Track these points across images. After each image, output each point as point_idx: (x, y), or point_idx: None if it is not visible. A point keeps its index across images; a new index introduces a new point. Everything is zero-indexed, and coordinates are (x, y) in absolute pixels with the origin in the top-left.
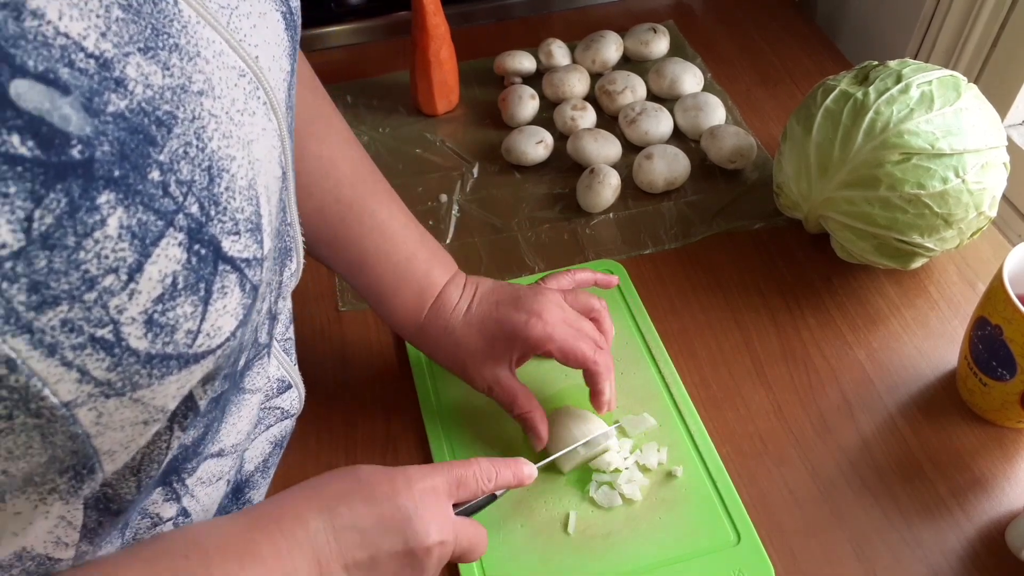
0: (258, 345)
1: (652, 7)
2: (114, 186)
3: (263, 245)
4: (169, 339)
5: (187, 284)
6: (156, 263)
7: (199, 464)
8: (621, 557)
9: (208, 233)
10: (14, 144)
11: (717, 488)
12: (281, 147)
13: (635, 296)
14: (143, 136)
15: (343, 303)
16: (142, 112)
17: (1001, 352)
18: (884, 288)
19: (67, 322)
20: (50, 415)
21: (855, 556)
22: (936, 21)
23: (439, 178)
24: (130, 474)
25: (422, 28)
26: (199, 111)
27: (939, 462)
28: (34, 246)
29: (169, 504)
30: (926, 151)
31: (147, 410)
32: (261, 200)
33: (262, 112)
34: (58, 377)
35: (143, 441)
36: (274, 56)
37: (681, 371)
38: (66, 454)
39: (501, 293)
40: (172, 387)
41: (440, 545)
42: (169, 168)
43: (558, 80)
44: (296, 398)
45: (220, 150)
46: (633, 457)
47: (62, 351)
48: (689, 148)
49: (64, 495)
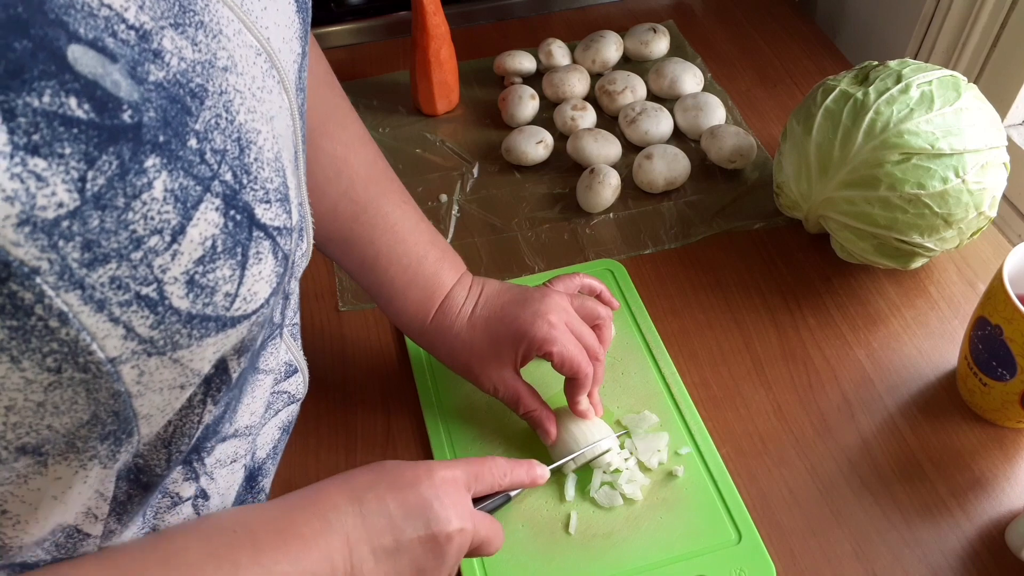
0: (272, 324)
1: (652, 7)
2: (159, 151)
3: (291, 216)
4: (209, 300)
5: (225, 248)
6: (197, 226)
7: (216, 444)
8: (622, 557)
9: (242, 200)
10: (71, 106)
11: (718, 487)
12: (294, 126)
13: (635, 296)
14: (181, 106)
15: (343, 303)
16: (178, 83)
17: (1001, 352)
18: (884, 288)
19: (115, 279)
20: (96, 370)
21: (855, 556)
22: (936, 21)
23: (439, 178)
24: (162, 446)
25: (422, 28)
26: (225, 86)
27: (939, 462)
28: (88, 206)
29: (188, 483)
30: (926, 151)
31: (184, 372)
32: (287, 172)
33: (277, 91)
34: (106, 332)
35: (177, 405)
36: (284, 38)
37: (681, 371)
38: (108, 414)
39: (507, 294)
40: (209, 350)
41: (460, 532)
42: (204, 137)
43: (558, 80)
44: (302, 382)
45: (247, 123)
46: (633, 457)
47: (110, 307)
48: (689, 148)
49: (104, 460)
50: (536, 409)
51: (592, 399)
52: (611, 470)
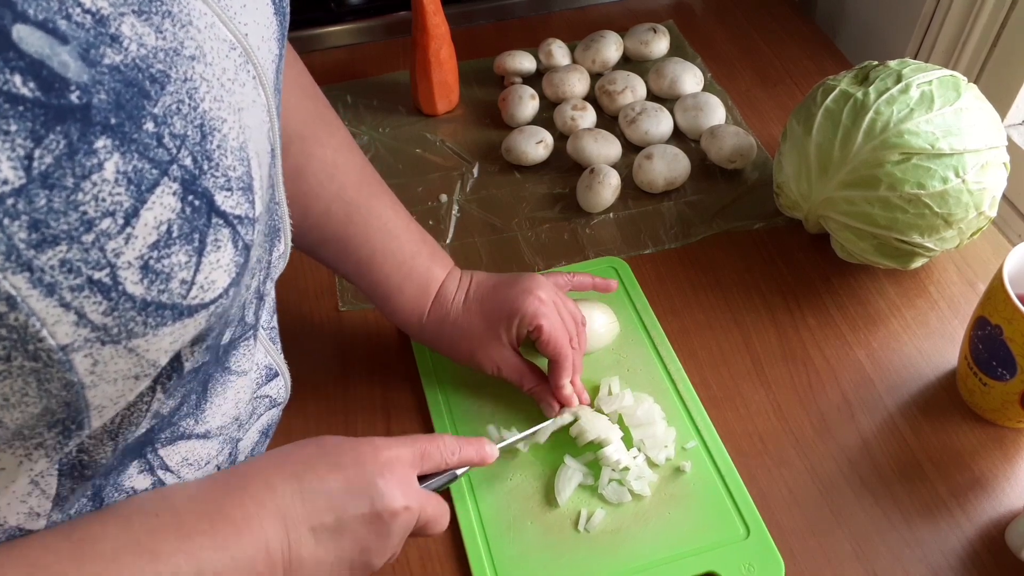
0: (244, 324)
1: (652, 7)
2: (111, 132)
3: (255, 206)
4: (164, 287)
5: (181, 233)
6: (152, 209)
7: (178, 440)
8: (631, 553)
9: (201, 186)
10: (16, 84)
11: (725, 483)
12: (270, 123)
13: (639, 293)
14: (137, 89)
15: (343, 303)
16: (136, 68)
17: (1001, 352)
18: (884, 288)
19: (66, 262)
20: (47, 359)
21: (855, 556)
22: (936, 21)
23: (439, 178)
24: (108, 438)
25: (422, 28)
26: (191, 73)
27: (939, 462)
28: (34, 184)
29: (143, 476)
30: (926, 151)
31: (140, 363)
32: (252, 163)
33: (251, 85)
34: (56, 318)
35: (131, 397)
36: (263, 37)
37: None
38: (59, 405)
39: (496, 278)
40: (166, 340)
41: (406, 510)
42: (163, 121)
43: (558, 80)
44: (283, 387)
45: (211, 111)
46: (642, 455)
47: (60, 291)
48: (689, 148)
49: (50, 451)
50: (540, 384)
51: (575, 386)
52: (620, 468)
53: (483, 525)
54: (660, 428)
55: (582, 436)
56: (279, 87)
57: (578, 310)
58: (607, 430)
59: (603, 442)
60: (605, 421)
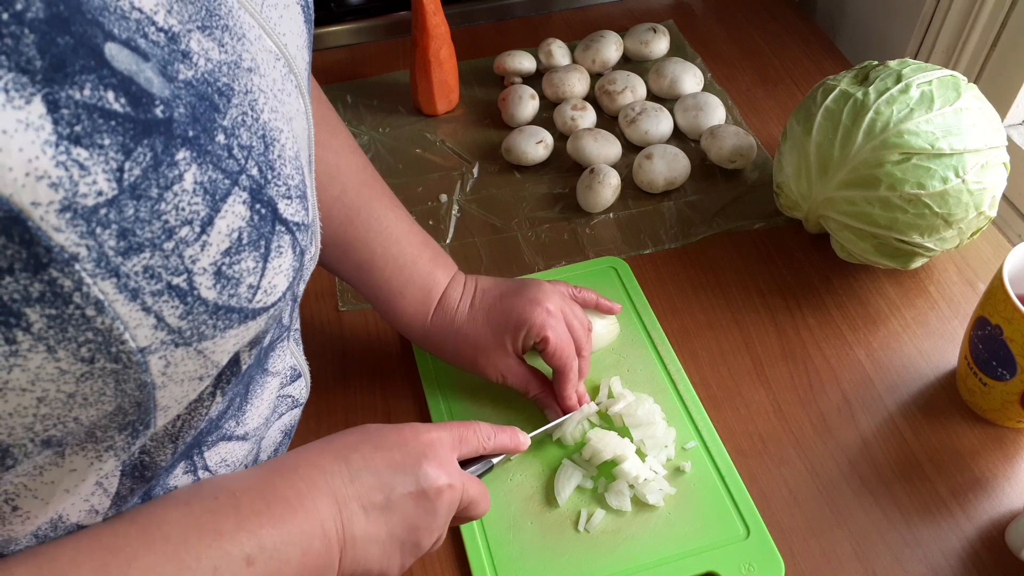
0: (282, 326)
1: (652, 7)
2: (189, 145)
3: (309, 212)
4: (234, 291)
5: (250, 240)
6: (224, 218)
7: (220, 441)
8: (632, 553)
9: (267, 194)
10: (109, 100)
11: (726, 483)
12: (309, 131)
13: (639, 293)
14: (209, 103)
15: (343, 303)
16: (206, 82)
17: (1001, 352)
18: (884, 288)
19: (148, 268)
20: (127, 360)
21: (855, 556)
22: (936, 21)
23: (439, 178)
24: (168, 440)
25: (422, 28)
26: (250, 86)
27: (939, 462)
28: (124, 195)
29: (187, 476)
30: (926, 151)
31: (205, 364)
32: (306, 171)
33: (295, 95)
34: (138, 322)
35: (192, 397)
36: (298, 46)
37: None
38: (131, 405)
39: (503, 286)
40: (230, 342)
41: (450, 488)
42: (232, 133)
43: (558, 80)
44: (304, 387)
45: (271, 122)
46: (662, 468)
47: (143, 296)
48: (689, 148)
49: (119, 451)
50: (544, 390)
51: (577, 391)
52: (640, 482)
53: (483, 525)
54: (660, 428)
55: (597, 456)
56: (311, 92)
57: (586, 317)
58: (621, 446)
59: (619, 459)
60: (615, 437)
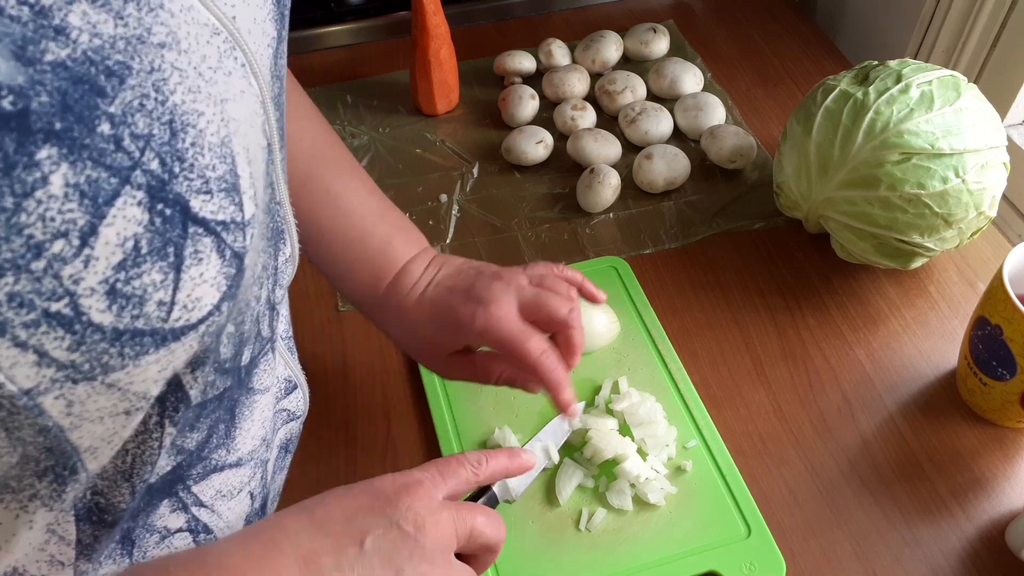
0: (262, 339)
1: (652, 7)
2: (56, 140)
3: (243, 208)
4: (138, 312)
5: (152, 248)
6: (112, 225)
7: (211, 474)
8: (633, 552)
9: (172, 191)
10: None
11: (727, 482)
12: (264, 116)
13: (640, 293)
14: (89, 87)
15: (343, 303)
16: (88, 61)
17: (1001, 352)
18: (884, 288)
19: (15, 296)
20: (11, 406)
21: (855, 556)
22: (936, 21)
23: (439, 178)
24: (122, 479)
25: (422, 28)
26: (159, 63)
27: (939, 462)
28: None
29: (176, 515)
30: (926, 151)
31: (126, 397)
32: (239, 160)
33: (239, 73)
34: (12, 360)
35: (127, 434)
36: (255, 19)
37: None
38: (39, 452)
39: (459, 278)
40: (152, 369)
41: (434, 518)
42: (122, 121)
43: (558, 80)
44: (302, 399)
45: (184, 104)
46: (663, 467)
47: (13, 330)
48: (689, 148)
49: (47, 500)
50: (502, 374)
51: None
52: (641, 480)
53: None
54: (661, 427)
55: (598, 455)
56: (279, 73)
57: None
58: (622, 445)
59: (620, 458)
60: (616, 436)
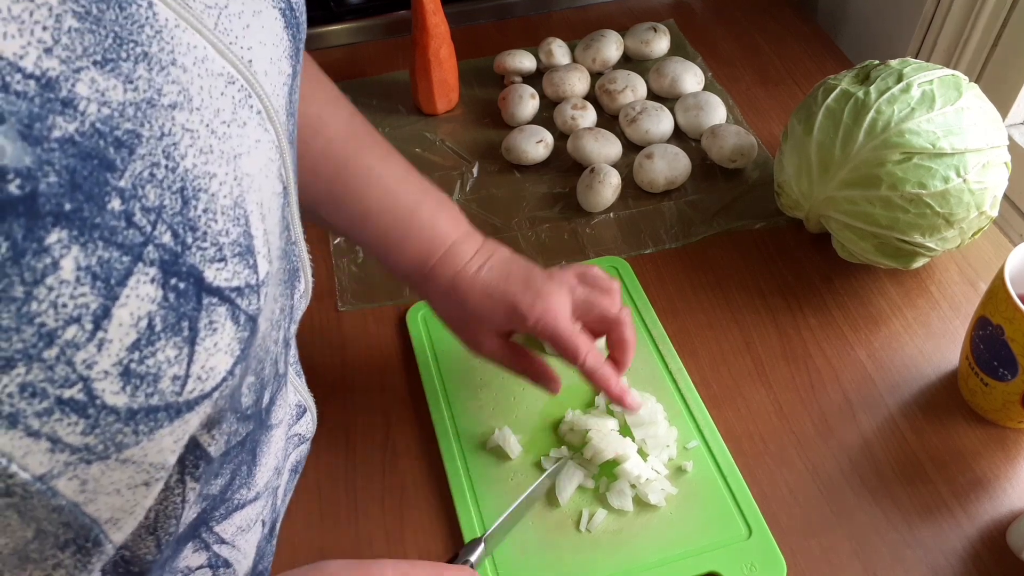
0: (279, 377)
1: (652, 6)
2: (65, 222)
3: (257, 269)
4: (152, 389)
5: (166, 325)
6: (126, 305)
7: (233, 512)
8: (633, 553)
9: (186, 264)
10: None
11: (727, 482)
12: (280, 159)
13: (640, 293)
14: (98, 161)
15: (343, 303)
16: (96, 134)
17: (1002, 352)
18: (885, 288)
19: (27, 386)
20: (23, 491)
21: (855, 556)
22: (937, 20)
23: (439, 178)
24: (147, 533)
25: (422, 27)
26: (169, 126)
27: (940, 462)
28: None
29: (198, 554)
30: (927, 150)
31: (142, 469)
32: (252, 219)
33: (255, 122)
34: (25, 450)
35: (148, 503)
36: (271, 58)
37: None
38: (56, 527)
39: (515, 266)
40: (166, 440)
41: None
42: (132, 195)
43: (558, 79)
44: (311, 420)
45: (196, 168)
46: (664, 467)
47: (25, 420)
48: (690, 147)
49: (71, 570)
50: (529, 367)
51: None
52: (642, 481)
53: (484, 525)
54: (662, 428)
55: (599, 456)
56: (292, 110)
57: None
58: (622, 445)
59: (621, 458)
60: (616, 437)
